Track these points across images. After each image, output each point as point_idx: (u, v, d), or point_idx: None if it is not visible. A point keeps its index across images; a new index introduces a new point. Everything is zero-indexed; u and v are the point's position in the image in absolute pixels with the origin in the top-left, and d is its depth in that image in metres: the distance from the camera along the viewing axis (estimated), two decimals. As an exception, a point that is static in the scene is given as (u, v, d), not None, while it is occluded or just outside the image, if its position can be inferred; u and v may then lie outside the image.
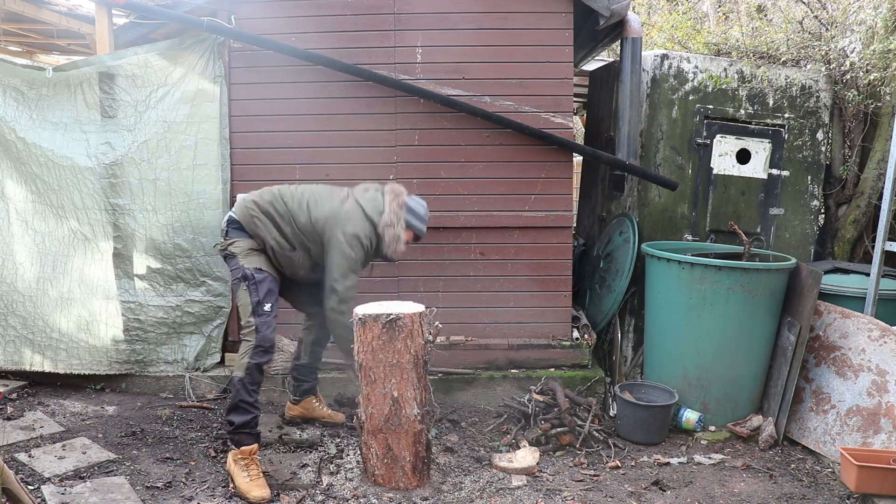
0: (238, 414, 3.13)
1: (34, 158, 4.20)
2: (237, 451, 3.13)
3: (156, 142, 4.22)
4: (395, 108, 4.29)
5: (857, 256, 5.08)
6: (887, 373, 3.63)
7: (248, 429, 3.14)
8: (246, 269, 3.22)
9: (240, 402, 3.13)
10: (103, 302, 4.26)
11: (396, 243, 3.30)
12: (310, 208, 3.30)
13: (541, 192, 4.35)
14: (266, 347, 3.18)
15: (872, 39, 4.62)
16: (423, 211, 3.44)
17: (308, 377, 3.79)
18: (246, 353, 3.16)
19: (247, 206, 3.32)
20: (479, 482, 3.27)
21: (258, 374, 3.17)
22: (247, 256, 3.26)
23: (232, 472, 3.13)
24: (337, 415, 3.86)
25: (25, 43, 7.16)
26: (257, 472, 3.10)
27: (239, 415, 3.13)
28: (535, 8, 4.21)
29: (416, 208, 3.40)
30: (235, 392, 3.15)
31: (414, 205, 3.40)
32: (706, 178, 4.81)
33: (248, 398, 3.14)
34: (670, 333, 4.12)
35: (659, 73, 4.72)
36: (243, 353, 3.18)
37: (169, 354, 4.27)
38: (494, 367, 4.34)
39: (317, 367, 3.82)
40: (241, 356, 3.19)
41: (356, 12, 4.24)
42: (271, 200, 3.32)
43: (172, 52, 4.21)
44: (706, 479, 3.42)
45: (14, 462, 3.27)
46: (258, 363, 3.16)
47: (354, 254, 3.23)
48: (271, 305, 3.22)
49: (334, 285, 3.22)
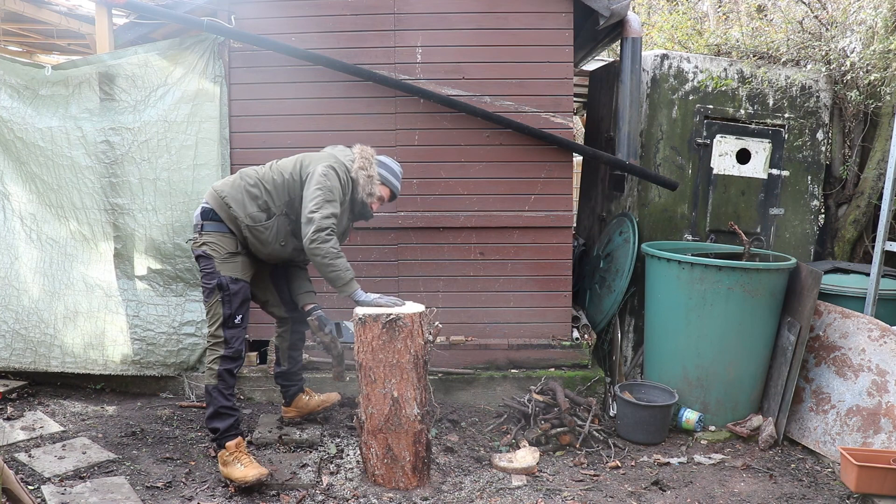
0: (220, 420, 3.18)
1: (33, 158, 4.20)
2: (225, 451, 3.17)
3: (156, 141, 4.21)
4: (395, 108, 4.29)
5: (857, 256, 5.08)
6: (887, 373, 3.63)
7: (232, 430, 3.20)
8: (222, 278, 3.19)
9: (220, 409, 3.18)
10: (103, 301, 4.26)
11: (370, 185, 3.35)
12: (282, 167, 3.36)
13: (541, 192, 4.35)
14: (234, 357, 3.23)
15: (872, 39, 4.62)
16: (395, 167, 3.52)
17: (293, 381, 3.76)
18: (215, 360, 3.21)
19: (215, 191, 3.30)
20: (479, 482, 3.27)
21: (231, 378, 3.23)
22: (224, 262, 3.23)
23: (226, 473, 3.14)
24: (331, 395, 3.84)
25: (25, 43, 7.16)
26: (249, 459, 3.16)
27: (221, 420, 3.18)
28: (535, 8, 4.21)
29: (388, 163, 3.50)
30: (212, 399, 3.20)
31: (385, 160, 3.51)
32: (706, 178, 4.81)
33: (226, 403, 3.20)
34: (670, 333, 4.12)
35: (659, 73, 4.72)
36: (213, 361, 3.21)
37: (169, 355, 4.26)
38: (494, 367, 4.34)
39: (298, 371, 3.78)
40: (210, 364, 3.22)
41: (356, 12, 4.24)
42: (237, 178, 3.34)
43: (172, 52, 4.21)
44: (706, 479, 3.42)
45: (14, 462, 3.27)
46: (228, 368, 3.21)
47: (331, 183, 3.21)
48: (242, 317, 3.25)
49: (311, 215, 3.14)
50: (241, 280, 3.25)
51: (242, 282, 3.25)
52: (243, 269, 3.28)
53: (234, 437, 3.18)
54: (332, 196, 3.20)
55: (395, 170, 3.52)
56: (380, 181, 3.43)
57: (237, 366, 3.25)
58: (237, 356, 3.23)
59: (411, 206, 4.36)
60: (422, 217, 4.37)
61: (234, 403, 3.23)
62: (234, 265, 3.24)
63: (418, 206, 4.37)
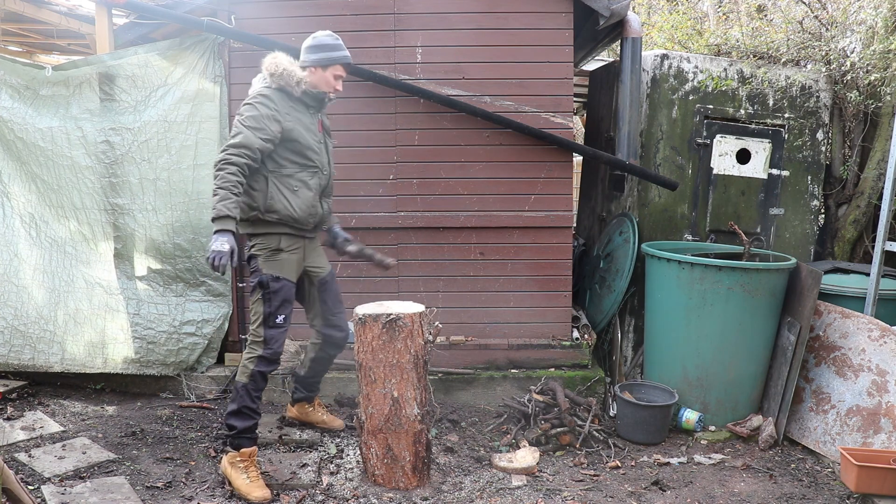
0: (240, 419, 3.12)
1: (34, 158, 4.20)
2: (236, 454, 3.13)
3: (156, 141, 4.21)
4: (395, 108, 4.29)
5: (857, 256, 5.08)
6: (887, 373, 3.63)
7: (249, 433, 3.15)
8: (263, 276, 3.14)
9: (243, 408, 3.12)
10: (103, 301, 4.26)
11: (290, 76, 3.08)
12: None
13: (541, 192, 4.35)
14: (271, 359, 3.16)
15: (873, 39, 4.62)
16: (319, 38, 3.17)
17: (304, 388, 3.70)
18: (251, 360, 3.14)
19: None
20: (479, 482, 3.27)
21: (262, 382, 3.17)
22: (267, 260, 3.16)
23: (229, 475, 3.13)
24: (334, 420, 3.77)
25: (25, 43, 7.16)
26: (256, 474, 3.11)
27: (241, 420, 3.12)
28: (535, 8, 4.21)
29: (321, 40, 3.17)
30: (239, 397, 3.13)
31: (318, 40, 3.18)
32: (706, 178, 4.81)
33: (251, 404, 3.14)
34: (670, 333, 4.12)
35: (659, 73, 4.72)
36: (248, 359, 3.15)
37: (168, 354, 4.26)
38: (494, 367, 4.34)
39: (312, 383, 3.70)
40: (246, 360, 3.16)
41: (356, 12, 4.24)
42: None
43: (172, 52, 4.21)
44: (706, 479, 3.42)
45: (14, 462, 3.27)
46: (262, 371, 3.15)
47: (253, 111, 3.02)
48: (284, 318, 3.17)
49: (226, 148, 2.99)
50: (283, 279, 3.17)
51: (284, 280, 3.17)
52: (286, 268, 3.20)
53: (250, 445, 3.14)
54: (249, 123, 3.00)
55: (318, 43, 3.16)
56: (302, 66, 3.14)
57: (273, 369, 3.18)
58: (274, 359, 3.17)
59: (411, 206, 4.36)
60: (422, 217, 4.37)
61: (258, 406, 3.17)
62: (276, 263, 3.17)
63: (418, 206, 4.37)
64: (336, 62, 3.18)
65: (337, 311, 3.50)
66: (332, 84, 3.21)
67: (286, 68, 3.11)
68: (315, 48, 3.17)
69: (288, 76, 3.11)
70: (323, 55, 3.16)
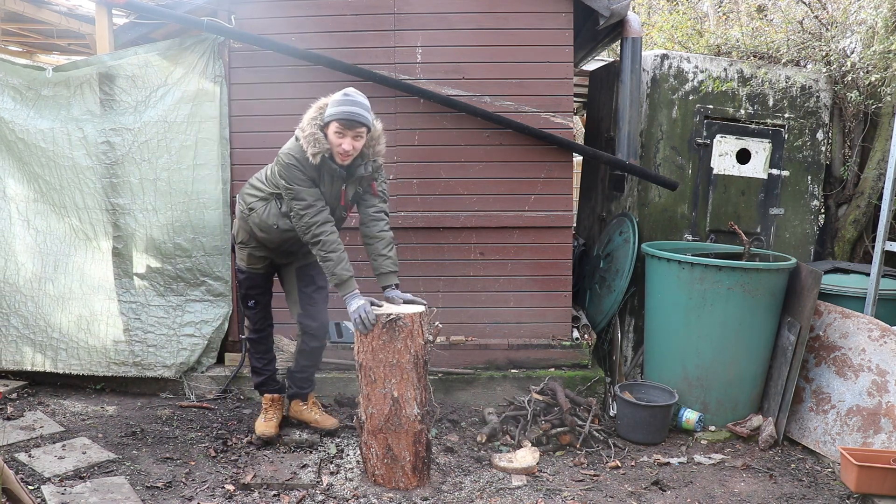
0: (254, 375, 3.73)
1: (35, 158, 4.20)
2: (262, 398, 3.69)
3: (156, 142, 4.22)
4: (395, 108, 4.29)
5: (857, 256, 5.08)
6: (887, 373, 3.63)
7: (265, 385, 3.67)
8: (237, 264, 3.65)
9: (253, 367, 3.72)
10: (104, 302, 4.26)
11: (314, 144, 3.06)
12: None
13: (541, 192, 4.35)
14: (254, 330, 3.66)
15: (873, 40, 4.63)
16: (354, 96, 3.08)
17: (292, 384, 3.73)
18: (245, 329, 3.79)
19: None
20: (479, 482, 3.27)
21: (256, 346, 3.68)
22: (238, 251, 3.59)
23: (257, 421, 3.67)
24: (326, 420, 3.72)
25: (25, 43, 7.16)
26: (272, 415, 3.64)
27: (255, 376, 3.72)
28: (534, 8, 4.21)
29: (337, 96, 3.10)
30: (249, 359, 3.74)
31: (337, 95, 3.12)
32: (706, 178, 4.81)
33: (255, 364, 3.70)
34: (670, 333, 4.12)
35: (659, 73, 4.72)
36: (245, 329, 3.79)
37: (168, 355, 4.26)
38: (494, 367, 4.34)
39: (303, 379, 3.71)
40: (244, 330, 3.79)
41: (356, 12, 4.24)
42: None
43: (172, 52, 4.21)
44: (706, 479, 3.42)
45: (14, 462, 3.27)
46: (251, 339, 3.69)
47: (287, 172, 3.16)
48: (255, 302, 3.60)
49: (290, 213, 3.24)
50: (247, 270, 3.56)
51: (248, 272, 3.57)
52: (249, 260, 3.55)
53: (269, 392, 3.66)
54: (294, 185, 3.14)
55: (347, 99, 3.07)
56: (323, 124, 3.09)
57: (259, 337, 3.67)
58: (256, 329, 3.66)
59: (411, 206, 4.36)
60: (422, 217, 4.37)
61: (263, 366, 3.68)
62: (241, 255, 3.57)
63: (418, 206, 4.37)
64: (331, 119, 3.07)
65: (313, 301, 3.62)
66: (333, 143, 3.10)
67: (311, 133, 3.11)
68: (340, 101, 3.08)
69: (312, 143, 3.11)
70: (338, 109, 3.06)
